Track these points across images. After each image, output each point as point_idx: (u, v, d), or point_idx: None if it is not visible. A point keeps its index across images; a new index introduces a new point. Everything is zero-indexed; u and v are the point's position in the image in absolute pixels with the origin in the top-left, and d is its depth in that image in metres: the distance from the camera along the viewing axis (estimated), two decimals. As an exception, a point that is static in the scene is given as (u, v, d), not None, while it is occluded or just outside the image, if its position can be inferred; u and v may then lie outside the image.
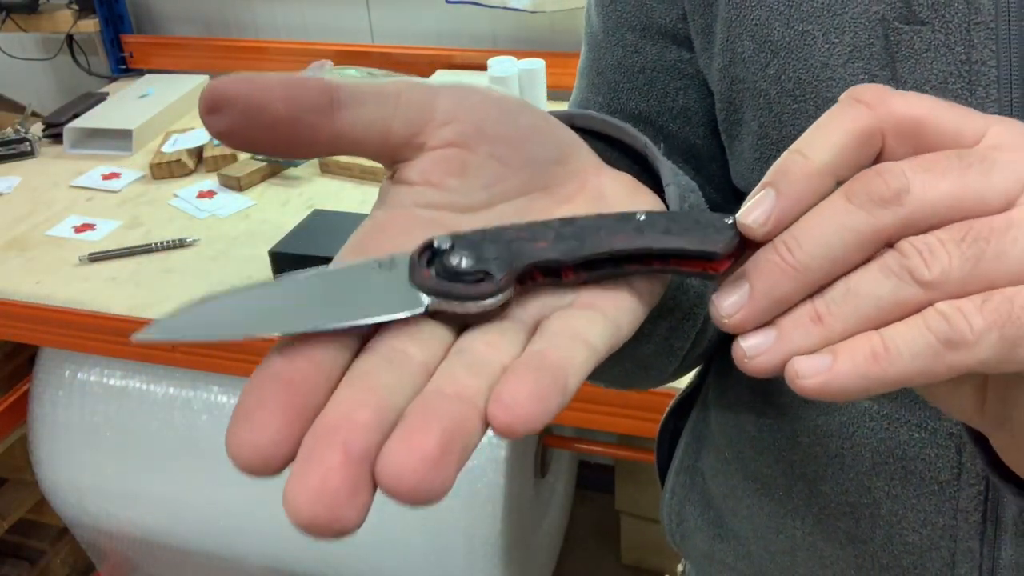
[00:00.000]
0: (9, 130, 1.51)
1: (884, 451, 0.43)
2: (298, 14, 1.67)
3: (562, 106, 0.47)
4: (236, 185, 1.33)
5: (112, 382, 1.27)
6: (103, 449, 1.29)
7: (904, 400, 0.42)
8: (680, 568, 0.68)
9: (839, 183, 0.25)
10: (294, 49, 1.64)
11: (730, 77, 0.42)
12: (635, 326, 0.27)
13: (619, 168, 0.32)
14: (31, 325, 1.14)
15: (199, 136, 1.46)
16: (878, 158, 0.25)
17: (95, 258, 1.19)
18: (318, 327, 0.22)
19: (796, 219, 0.25)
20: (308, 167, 1.37)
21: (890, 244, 0.24)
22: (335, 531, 0.20)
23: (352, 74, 1.55)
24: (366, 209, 1.22)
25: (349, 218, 1.14)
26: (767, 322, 0.25)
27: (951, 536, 0.42)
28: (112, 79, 1.76)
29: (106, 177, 1.41)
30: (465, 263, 0.24)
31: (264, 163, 1.36)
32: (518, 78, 1.36)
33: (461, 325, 0.25)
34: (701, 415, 0.57)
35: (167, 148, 1.43)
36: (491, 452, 1.15)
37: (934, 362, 0.23)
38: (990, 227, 0.23)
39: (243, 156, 1.40)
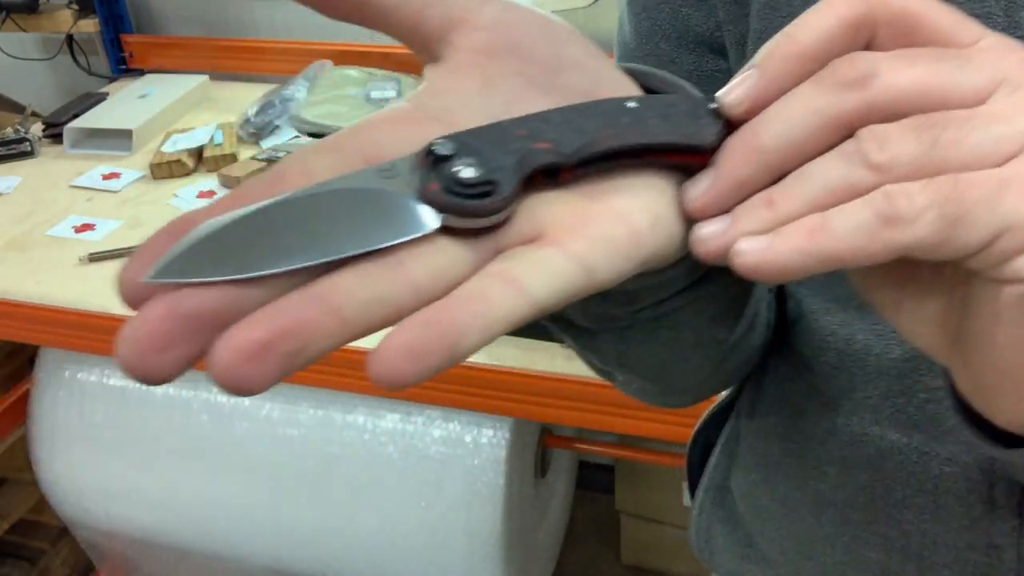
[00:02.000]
0: (9, 130, 1.50)
1: (914, 484, 0.41)
2: (298, 14, 1.67)
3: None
4: (236, 185, 1.33)
5: (112, 382, 1.27)
6: (103, 449, 1.29)
7: (935, 433, 0.40)
8: None
9: None
10: (294, 49, 1.64)
11: None
12: (618, 274, 0.25)
13: None
14: (31, 325, 1.14)
15: (199, 136, 1.46)
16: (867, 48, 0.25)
17: (95, 258, 1.19)
18: (328, 256, 0.22)
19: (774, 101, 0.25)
20: (308, 167, 1.37)
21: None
22: (141, 376, 0.20)
23: (352, 74, 1.55)
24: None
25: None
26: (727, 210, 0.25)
27: (985, 572, 0.41)
28: (112, 79, 1.76)
29: (106, 177, 1.41)
30: (471, 173, 0.23)
31: (264, 163, 1.36)
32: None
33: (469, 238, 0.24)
34: (733, 432, 0.56)
35: (167, 148, 1.43)
36: (491, 452, 1.15)
37: (871, 240, 0.23)
38: (949, 116, 0.23)
39: (243, 156, 1.40)
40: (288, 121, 1.48)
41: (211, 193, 1.34)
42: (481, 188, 0.23)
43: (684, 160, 0.27)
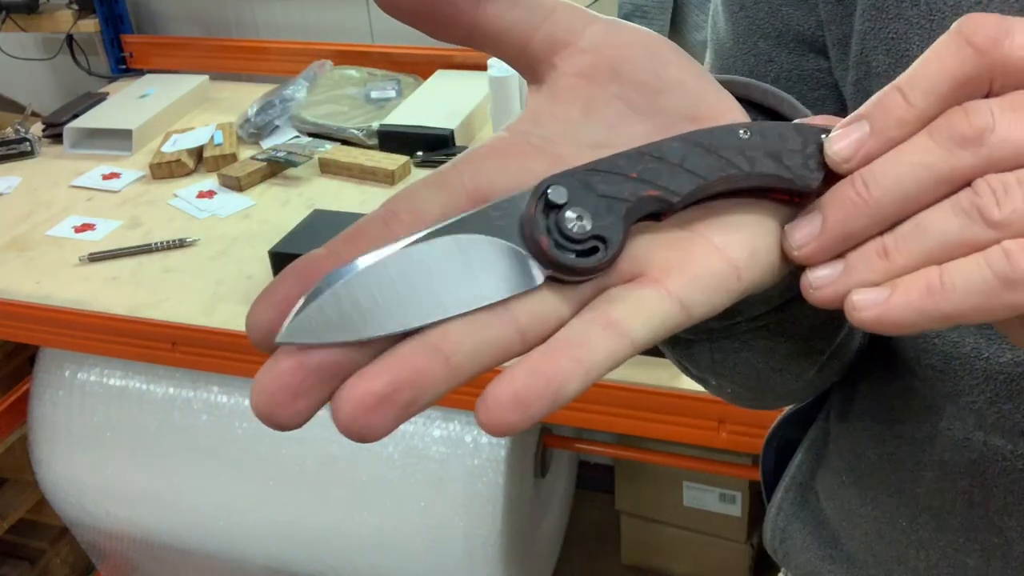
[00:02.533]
0: (9, 130, 1.51)
1: (1018, 492, 0.40)
2: (298, 14, 1.67)
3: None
4: (236, 185, 1.33)
5: (112, 382, 1.27)
6: (103, 449, 1.29)
7: None
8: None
9: None
10: (294, 49, 1.64)
11: (864, 91, 0.39)
12: (715, 308, 0.26)
13: None
14: (31, 325, 1.14)
15: (199, 136, 1.46)
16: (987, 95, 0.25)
17: (95, 258, 1.19)
18: (441, 315, 0.23)
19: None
20: (308, 167, 1.37)
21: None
22: (274, 424, 0.21)
23: (352, 74, 1.55)
24: (366, 209, 1.22)
25: (349, 218, 1.14)
26: (837, 255, 0.25)
27: None
28: (112, 79, 1.76)
29: (106, 177, 1.41)
30: (581, 227, 0.24)
31: (264, 163, 1.36)
32: (518, 78, 1.36)
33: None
34: (821, 433, 0.55)
35: (167, 148, 1.43)
36: (491, 452, 1.15)
37: (989, 299, 0.22)
38: None
39: (243, 156, 1.40)
40: (288, 121, 1.48)
41: (211, 193, 1.34)
42: (590, 243, 0.24)
43: (786, 196, 0.27)
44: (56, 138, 1.52)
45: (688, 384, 0.92)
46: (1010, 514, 0.41)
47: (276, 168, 1.37)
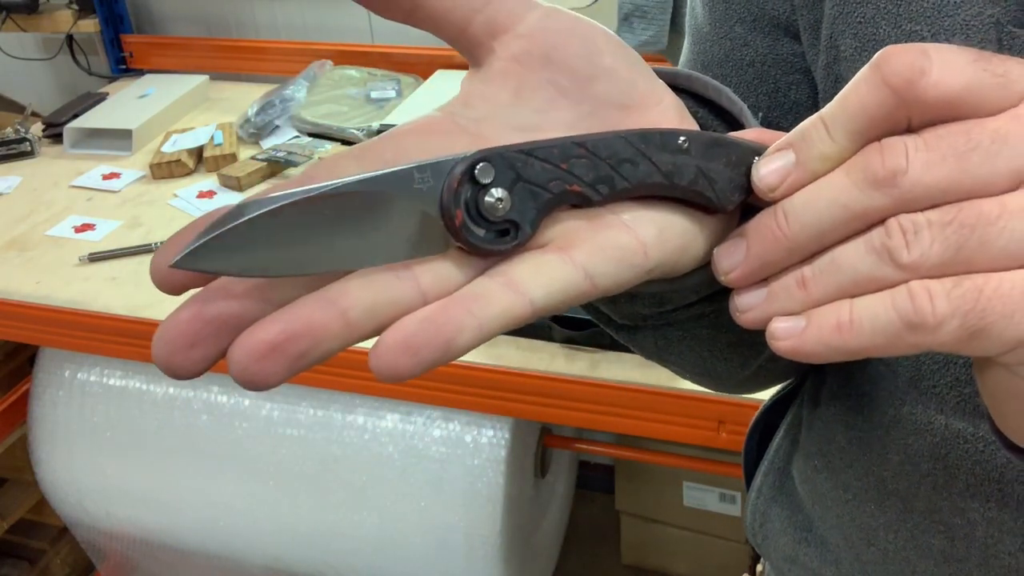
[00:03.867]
0: (9, 130, 1.51)
1: (980, 473, 0.41)
2: (298, 14, 1.67)
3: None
4: (236, 185, 1.33)
5: (112, 382, 1.27)
6: (103, 449, 1.29)
7: None
8: (760, 568, 0.67)
9: None
10: (294, 49, 1.64)
11: (833, 76, 0.40)
12: (620, 280, 0.26)
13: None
14: (31, 325, 1.14)
15: (199, 136, 1.46)
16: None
17: (95, 258, 1.19)
18: (344, 267, 0.23)
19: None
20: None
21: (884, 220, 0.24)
22: (171, 371, 0.22)
23: (352, 74, 1.55)
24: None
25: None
26: (763, 279, 0.27)
27: None
28: (112, 79, 1.76)
29: (106, 177, 1.41)
30: (498, 209, 0.24)
31: (264, 163, 1.36)
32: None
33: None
34: (796, 418, 0.56)
35: (167, 148, 1.43)
36: (491, 452, 1.15)
37: (894, 340, 0.24)
38: (979, 212, 0.23)
39: (243, 156, 1.40)
40: (288, 121, 1.48)
41: (211, 193, 1.34)
42: (503, 226, 0.25)
43: (703, 209, 0.28)
44: (56, 138, 1.52)
45: (688, 384, 0.92)
46: (973, 496, 0.41)
47: (276, 168, 1.37)
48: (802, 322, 0.25)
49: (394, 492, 1.18)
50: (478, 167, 0.24)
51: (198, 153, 1.43)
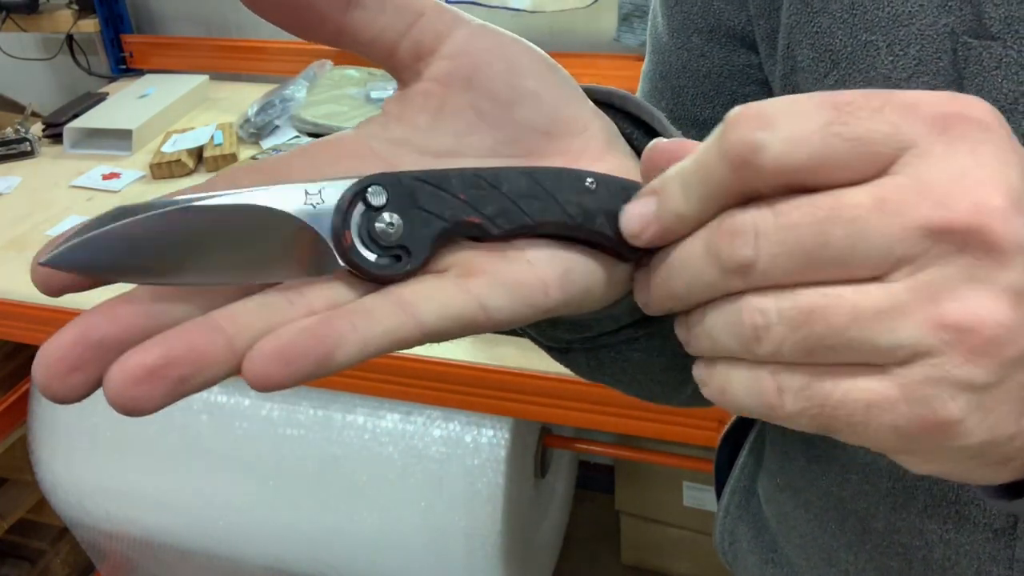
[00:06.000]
0: (9, 130, 1.50)
1: (938, 494, 0.40)
2: (298, 14, 1.67)
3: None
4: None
5: (112, 382, 1.27)
6: (103, 449, 1.29)
7: None
8: None
9: None
10: (294, 49, 1.64)
11: (791, 86, 0.39)
12: (517, 316, 0.26)
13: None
14: (31, 325, 1.14)
15: (199, 136, 1.46)
16: None
17: (95, 258, 1.19)
18: (228, 282, 0.22)
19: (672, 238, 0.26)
20: (308, 167, 1.37)
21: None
22: (50, 395, 0.21)
23: (352, 74, 1.55)
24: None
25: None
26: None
27: None
28: (112, 79, 1.76)
29: (106, 177, 1.41)
30: (389, 234, 0.24)
31: (264, 163, 1.36)
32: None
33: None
34: (759, 436, 0.55)
35: (167, 148, 1.43)
36: (491, 452, 1.15)
37: (766, 416, 0.24)
38: (826, 318, 0.22)
39: (243, 156, 1.40)
40: (288, 121, 1.48)
41: (211, 193, 1.34)
42: (395, 251, 0.24)
43: (604, 251, 0.28)
44: (56, 138, 1.52)
45: (688, 384, 0.92)
46: (930, 516, 0.41)
47: (276, 168, 1.37)
48: (707, 374, 0.26)
49: (394, 492, 1.18)
50: (370, 189, 0.24)
51: (198, 153, 1.43)
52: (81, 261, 0.21)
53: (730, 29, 0.42)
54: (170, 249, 0.21)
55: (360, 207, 0.24)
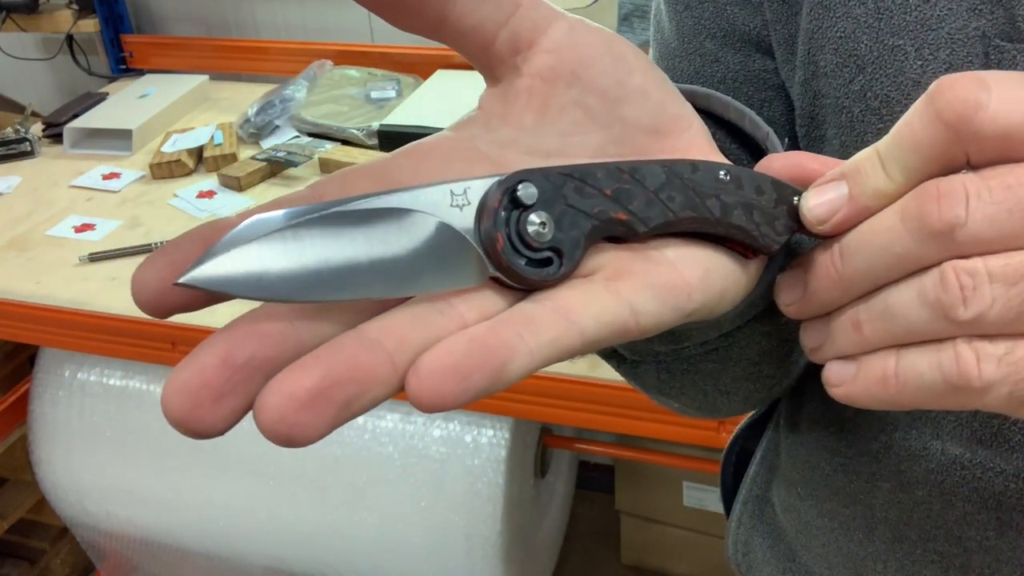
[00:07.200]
0: (9, 130, 1.50)
1: (977, 501, 0.39)
2: (298, 14, 1.67)
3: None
4: (236, 185, 1.33)
5: (112, 382, 1.27)
6: (103, 449, 1.29)
7: (1000, 449, 0.38)
8: None
9: None
10: (294, 49, 1.64)
11: (812, 92, 0.38)
12: (662, 322, 0.24)
13: (735, 159, 0.31)
14: (31, 325, 1.14)
15: (199, 136, 1.46)
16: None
17: (95, 258, 1.18)
18: (379, 295, 0.20)
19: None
20: (308, 168, 1.37)
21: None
22: (195, 429, 0.18)
23: (352, 74, 1.55)
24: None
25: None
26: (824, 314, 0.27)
27: None
28: (112, 79, 1.76)
29: (106, 177, 1.41)
30: (541, 234, 0.22)
31: (264, 163, 1.36)
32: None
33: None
34: (772, 443, 0.54)
35: (167, 148, 1.43)
36: (491, 452, 1.15)
37: (938, 399, 0.23)
38: None
39: (243, 156, 1.40)
40: (288, 121, 1.48)
41: (211, 193, 1.34)
42: (545, 254, 0.22)
43: (741, 248, 0.27)
44: (56, 138, 1.52)
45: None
46: (969, 524, 0.40)
47: (276, 168, 1.37)
48: (852, 369, 0.25)
49: (394, 492, 1.18)
50: (520, 187, 0.22)
51: (198, 153, 1.43)
52: (224, 279, 0.18)
53: (745, 34, 0.41)
54: (315, 263, 0.19)
55: (509, 207, 0.22)
